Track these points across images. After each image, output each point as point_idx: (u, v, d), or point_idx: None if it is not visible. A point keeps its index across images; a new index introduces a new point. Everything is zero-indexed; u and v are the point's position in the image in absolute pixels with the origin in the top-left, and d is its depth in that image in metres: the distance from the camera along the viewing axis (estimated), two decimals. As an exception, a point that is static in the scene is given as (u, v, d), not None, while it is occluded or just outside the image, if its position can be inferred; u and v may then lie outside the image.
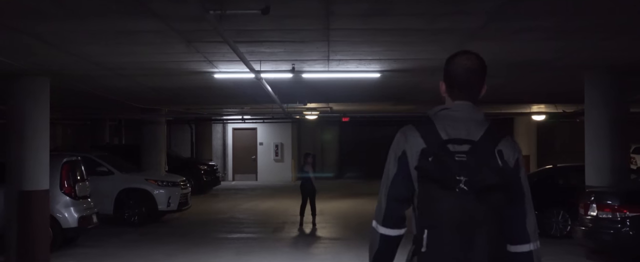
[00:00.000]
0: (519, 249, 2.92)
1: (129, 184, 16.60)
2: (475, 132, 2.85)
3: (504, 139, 2.89)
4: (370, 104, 18.12)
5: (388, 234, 2.95)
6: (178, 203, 16.90)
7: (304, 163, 16.39)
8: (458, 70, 2.95)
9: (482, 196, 2.71)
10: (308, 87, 13.12)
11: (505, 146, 2.86)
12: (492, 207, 2.74)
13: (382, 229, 2.95)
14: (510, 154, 2.87)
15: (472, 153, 2.77)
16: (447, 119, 2.89)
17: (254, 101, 16.05)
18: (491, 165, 2.76)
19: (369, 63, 10.23)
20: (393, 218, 2.94)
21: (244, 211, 19.84)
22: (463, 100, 2.94)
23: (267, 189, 26.95)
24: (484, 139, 2.83)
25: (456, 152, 2.77)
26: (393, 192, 2.94)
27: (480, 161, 2.75)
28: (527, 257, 2.91)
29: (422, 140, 2.85)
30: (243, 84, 12.32)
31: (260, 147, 30.77)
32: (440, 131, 2.85)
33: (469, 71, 2.94)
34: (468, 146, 2.79)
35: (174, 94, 14.68)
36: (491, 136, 2.86)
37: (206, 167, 24.83)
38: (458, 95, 2.96)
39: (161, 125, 19.75)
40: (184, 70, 10.73)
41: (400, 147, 2.93)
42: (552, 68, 10.61)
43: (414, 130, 2.91)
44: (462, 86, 2.94)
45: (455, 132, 2.85)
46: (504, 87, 13.28)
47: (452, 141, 2.82)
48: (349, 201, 22.14)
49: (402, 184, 2.91)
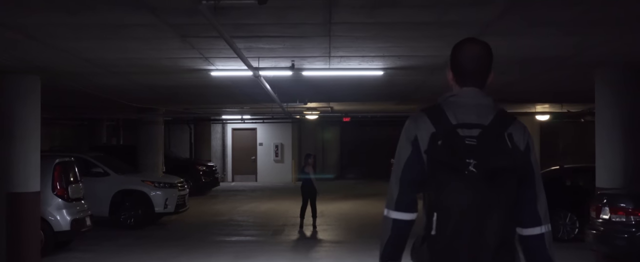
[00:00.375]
0: (531, 231, 2.89)
1: (124, 185, 16.17)
2: (485, 116, 2.85)
3: (514, 122, 2.88)
4: (372, 103, 17.67)
5: (400, 219, 2.93)
6: (175, 205, 16.47)
7: (305, 164, 15.99)
8: (465, 57, 2.95)
9: (491, 179, 2.71)
10: (308, 86, 12.68)
11: (515, 130, 2.85)
12: (502, 190, 2.73)
13: (395, 213, 2.93)
14: (520, 137, 2.86)
15: (482, 137, 2.77)
16: (456, 105, 2.89)
17: (253, 100, 15.58)
18: (501, 148, 2.76)
19: (372, 60, 9.80)
20: (405, 202, 2.92)
21: (243, 213, 19.41)
22: (471, 87, 2.94)
23: (266, 190, 26.53)
24: (494, 123, 2.83)
25: (466, 137, 2.77)
26: (406, 175, 2.91)
27: (490, 144, 2.75)
28: (538, 239, 2.89)
29: (432, 125, 2.85)
30: (241, 83, 11.90)
31: (260, 147, 30.34)
32: (449, 116, 2.85)
33: (477, 58, 2.95)
34: (478, 130, 2.79)
35: (171, 93, 14.25)
36: (501, 120, 2.85)
37: (205, 168, 24.41)
38: (466, 82, 2.95)
39: (158, 126, 19.32)
40: (180, 67, 10.30)
41: (411, 131, 2.92)
42: (566, 65, 10.18)
43: (423, 115, 2.90)
44: (470, 73, 2.94)
45: (465, 117, 2.84)
46: (511, 85, 12.84)
47: (461, 126, 2.82)
48: (351, 203, 21.71)
49: (414, 166, 2.88)
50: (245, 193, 25.38)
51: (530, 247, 2.91)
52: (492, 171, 2.70)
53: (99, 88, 13.01)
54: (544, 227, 2.91)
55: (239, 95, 14.47)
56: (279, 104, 13.01)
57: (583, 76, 11.30)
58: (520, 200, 2.84)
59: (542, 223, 2.90)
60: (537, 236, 2.89)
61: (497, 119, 2.85)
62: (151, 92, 14.03)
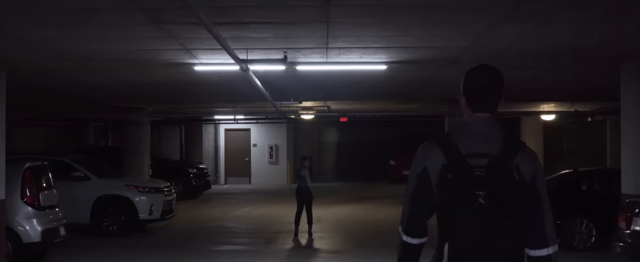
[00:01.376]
0: (538, 253, 2.98)
1: (107, 190, 15.10)
2: (494, 145, 2.92)
3: (522, 151, 2.95)
4: (371, 102, 16.56)
5: (410, 243, 3.08)
6: (161, 211, 15.41)
7: (300, 167, 14.97)
8: (478, 84, 3.02)
9: (501, 210, 2.82)
10: (303, 82, 11.59)
11: (522, 159, 2.93)
12: (510, 220, 2.84)
13: (405, 237, 3.09)
14: (528, 167, 2.93)
15: (491, 167, 2.87)
16: (467, 133, 2.97)
17: (244, 99, 14.44)
18: (509, 180, 2.86)
19: (375, 52, 8.73)
20: (414, 229, 3.06)
21: (234, 219, 18.34)
22: (483, 113, 3.01)
23: (260, 193, 25.44)
24: (502, 153, 2.91)
25: (476, 167, 2.87)
26: (414, 206, 3.05)
27: (498, 176, 2.85)
28: (546, 260, 2.98)
29: (443, 155, 2.93)
30: (230, 79, 10.82)
31: (253, 149, 29.22)
32: (459, 145, 2.93)
33: (490, 85, 3.02)
34: (487, 160, 2.88)
35: (155, 91, 13.14)
36: (509, 150, 2.93)
37: (196, 170, 23.33)
38: (478, 108, 3.01)
39: (145, 126, 18.18)
40: (159, 61, 9.22)
41: (421, 164, 3.02)
42: (591, 57, 9.11)
43: (434, 145, 2.99)
44: (482, 100, 3.01)
45: (475, 146, 2.92)
46: (525, 83, 11.79)
47: (471, 155, 2.89)
48: (349, 207, 20.64)
49: (422, 199, 3.01)
50: (238, 196, 24.30)
51: None
52: (501, 203, 2.82)
53: (75, 85, 11.91)
54: (551, 248, 3.00)
55: (228, 94, 13.37)
56: (272, 102, 11.85)
57: (607, 71, 10.23)
58: (528, 225, 2.93)
59: (549, 245, 2.99)
60: (545, 257, 2.98)
61: (505, 149, 2.91)
62: (134, 90, 12.93)
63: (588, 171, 14.18)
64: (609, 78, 10.17)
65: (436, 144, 2.98)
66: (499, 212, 2.83)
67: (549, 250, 2.98)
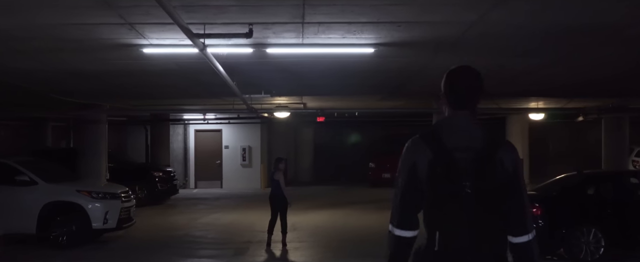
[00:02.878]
0: (519, 239, 3.19)
1: (55, 196, 13.43)
2: (477, 139, 3.14)
3: (503, 145, 3.19)
4: (352, 98, 14.95)
5: (403, 236, 3.22)
6: (117, 219, 13.75)
7: (275, 170, 13.42)
8: (459, 83, 3.19)
9: (485, 199, 3.08)
10: (276, 72, 10.03)
11: (504, 152, 3.16)
12: (495, 209, 3.12)
13: (398, 231, 3.22)
14: (509, 159, 3.17)
15: (474, 160, 3.09)
16: (451, 129, 3.17)
17: (210, 94, 12.77)
18: (492, 171, 3.10)
19: (362, 30, 7.21)
20: (406, 221, 3.21)
21: (202, 227, 16.71)
22: (464, 111, 3.19)
23: (232, 198, 23.79)
24: (485, 147, 3.13)
25: (461, 159, 3.08)
26: (406, 199, 3.20)
27: (482, 167, 3.09)
28: (527, 246, 3.20)
29: (430, 150, 3.13)
30: (189, 66, 9.23)
31: (225, 151, 27.54)
32: (445, 140, 3.13)
33: (470, 84, 3.19)
34: (471, 154, 3.09)
35: (104, 83, 11.42)
36: (491, 143, 3.16)
37: (162, 174, 21.63)
38: (459, 107, 3.19)
39: (101, 125, 16.41)
40: (99, 41, 7.61)
41: (410, 158, 3.18)
42: (617, 39, 7.64)
43: (421, 142, 3.17)
44: (463, 98, 3.18)
45: (459, 140, 3.12)
46: (528, 74, 10.33)
47: (456, 149, 3.10)
48: (327, 213, 19.08)
49: (413, 192, 3.18)
50: (208, 201, 22.63)
51: (519, 253, 3.22)
52: (485, 191, 3.08)
53: (8, 73, 10.21)
54: (530, 234, 3.22)
55: (192, 87, 11.73)
56: (240, 96, 10.18)
57: (633, 56, 8.77)
58: (509, 213, 3.18)
59: (528, 231, 3.22)
60: (526, 243, 3.20)
61: (487, 143, 3.15)
62: (80, 82, 11.24)
63: (594, 174, 12.81)
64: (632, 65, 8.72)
65: (423, 140, 3.16)
66: (484, 201, 3.06)
67: (529, 236, 3.21)
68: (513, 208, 3.16)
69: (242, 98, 10.55)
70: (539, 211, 11.49)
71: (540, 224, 11.43)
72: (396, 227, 3.21)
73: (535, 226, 3.30)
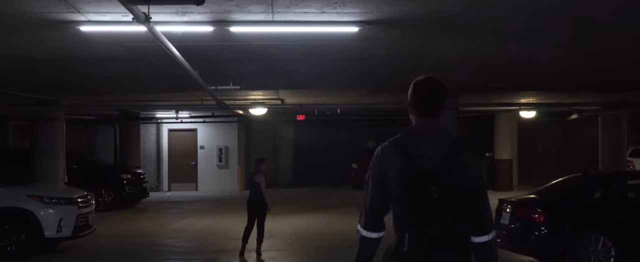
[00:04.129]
0: (481, 239, 3.38)
1: (2, 202, 12.04)
2: (442, 146, 3.32)
3: (467, 150, 3.35)
4: (336, 93, 13.65)
5: (370, 237, 3.42)
6: (73, 227, 12.39)
7: (256, 171, 12.12)
8: (424, 92, 3.40)
9: (452, 202, 3.28)
10: (244, 58, 8.72)
11: (467, 156, 3.33)
12: (460, 211, 3.30)
13: (365, 232, 3.43)
14: (473, 163, 3.34)
15: (440, 166, 3.27)
16: (417, 136, 3.37)
17: (174, 86, 11.35)
18: (457, 175, 3.27)
19: (344, 2, 5.93)
20: (373, 224, 3.42)
21: (171, 233, 15.39)
22: (429, 118, 3.39)
23: (207, 201, 22.43)
24: (449, 152, 3.30)
25: (427, 166, 3.27)
26: (373, 204, 3.40)
27: (447, 172, 3.26)
28: (487, 245, 3.39)
29: (398, 158, 3.32)
30: (142, 52, 7.91)
31: (201, 151, 26.11)
32: (412, 147, 3.32)
33: (434, 93, 3.40)
34: (436, 160, 3.28)
35: (50, 72, 10.00)
36: (455, 149, 3.33)
37: (131, 176, 20.24)
38: (424, 114, 3.40)
39: (58, 123, 14.93)
40: (28, 15, 6.27)
41: (379, 165, 3.39)
42: (625, 17, 6.42)
43: (390, 148, 3.37)
44: (428, 106, 3.39)
45: (425, 147, 3.31)
46: (527, 61, 9.10)
47: (423, 156, 3.28)
48: (307, 217, 17.81)
49: (380, 197, 3.39)
50: (181, 205, 21.26)
51: (481, 251, 3.39)
52: (451, 195, 3.26)
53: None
54: (491, 235, 3.40)
55: (152, 79, 10.37)
56: (204, 87, 8.79)
57: None
58: (472, 215, 3.35)
59: (489, 231, 3.39)
60: (486, 243, 3.38)
61: (451, 148, 3.32)
62: (25, 71, 9.84)
63: (601, 175, 11.64)
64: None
65: (392, 148, 3.38)
66: (450, 204, 3.27)
67: (489, 236, 3.40)
68: (476, 209, 3.34)
69: (209, 90, 9.20)
70: (542, 216, 10.30)
71: (543, 232, 10.24)
72: (363, 229, 3.42)
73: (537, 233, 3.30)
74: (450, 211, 3.27)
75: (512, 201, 11.01)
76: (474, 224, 3.35)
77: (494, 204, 17.63)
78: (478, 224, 3.36)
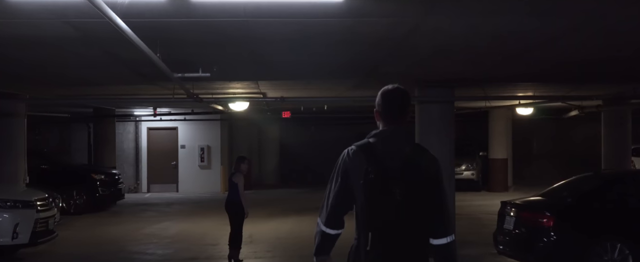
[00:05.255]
0: (440, 241, 3.57)
1: (-50, 205, 10.86)
2: (404, 150, 3.56)
3: (426, 155, 3.62)
4: (320, 84, 12.50)
5: (330, 233, 3.65)
6: (31, 233, 11.21)
7: (235, 170, 11.04)
8: (390, 101, 3.64)
9: (413, 203, 3.44)
10: (215, 41, 7.53)
11: (427, 161, 3.59)
12: (420, 212, 3.47)
13: (325, 228, 3.65)
14: (431, 167, 3.59)
15: (402, 169, 3.47)
16: (384, 141, 3.58)
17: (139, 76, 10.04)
18: (418, 178, 3.48)
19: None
20: (334, 221, 3.63)
21: (143, 239, 14.20)
22: (394, 125, 3.64)
23: (187, 203, 21.21)
24: (411, 157, 3.54)
25: (391, 169, 3.46)
26: (336, 203, 3.60)
27: (409, 175, 3.46)
28: (447, 247, 3.57)
29: (365, 160, 3.50)
30: (90, 30, 6.70)
31: (182, 151, 24.86)
32: (377, 151, 3.53)
33: (399, 102, 3.66)
34: (399, 163, 3.49)
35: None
36: (416, 154, 3.58)
37: (103, 176, 19.00)
38: (390, 121, 3.64)
39: (18, 119, 13.65)
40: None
41: (345, 166, 3.58)
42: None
43: (357, 151, 3.57)
44: (393, 113, 3.65)
45: (388, 151, 3.53)
46: (539, 46, 7.94)
47: (387, 159, 3.49)
48: (292, 221, 16.66)
49: (344, 197, 3.57)
50: (159, 208, 20.04)
51: (440, 253, 3.59)
52: (412, 197, 3.43)
53: None
54: (450, 237, 3.58)
55: (110, 66, 9.11)
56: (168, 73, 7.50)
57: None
58: (432, 217, 3.53)
59: (448, 234, 3.58)
60: (446, 245, 3.57)
61: (413, 153, 3.57)
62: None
63: (615, 174, 10.54)
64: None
65: (358, 150, 3.56)
66: (411, 205, 3.43)
67: (449, 239, 3.58)
68: (436, 212, 3.54)
69: (175, 79, 7.97)
70: (551, 221, 9.18)
71: (552, 238, 9.12)
72: (324, 225, 3.65)
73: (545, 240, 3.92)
74: (412, 212, 3.43)
75: (516, 204, 9.90)
76: (434, 226, 3.53)
77: (491, 206, 16.50)
78: (438, 227, 3.54)
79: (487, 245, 12.46)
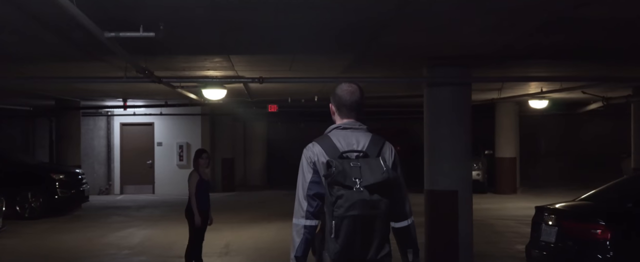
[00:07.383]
0: (401, 224, 3.85)
1: None
2: (363, 142, 3.77)
3: (384, 145, 3.82)
4: (307, 63, 10.24)
5: (310, 225, 3.73)
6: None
7: (195, 165, 9.44)
8: (345, 96, 3.85)
9: (373, 192, 3.55)
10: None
11: (385, 151, 3.81)
12: (381, 200, 3.58)
13: (305, 221, 3.72)
14: (390, 157, 3.81)
15: (363, 160, 3.64)
16: (341, 135, 3.78)
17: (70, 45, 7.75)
18: (377, 168, 3.60)
19: None
20: (312, 212, 3.72)
21: (98, 249, 12.02)
22: (350, 119, 3.86)
23: (160, 206, 18.96)
24: (369, 148, 3.75)
25: (351, 160, 3.64)
26: (310, 193, 3.72)
27: (369, 166, 3.60)
28: (407, 229, 3.86)
29: (325, 153, 3.70)
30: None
31: (158, 148, 22.56)
32: (337, 144, 3.73)
33: (354, 96, 3.84)
34: (358, 154, 3.70)
35: None
36: (374, 145, 3.78)
37: (63, 176, 16.76)
38: (346, 115, 3.86)
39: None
40: None
41: (311, 158, 3.75)
42: None
43: (317, 146, 3.76)
44: (349, 108, 3.85)
45: (348, 144, 3.75)
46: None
47: (347, 152, 3.71)
48: (276, 226, 14.51)
49: (316, 185, 3.71)
50: (128, 211, 17.77)
51: (402, 235, 3.87)
52: (373, 186, 3.54)
53: None
54: (410, 220, 3.87)
55: (23, 30, 6.86)
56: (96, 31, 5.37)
57: None
58: (393, 203, 3.68)
59: (408, 217, 3.86)
60: (406, 227, 3.86)
61: (371, 144, 3.77)
62: None
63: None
64: None
65: (319, 145, 3.75)
66: (373, 193, 3.53)
67: (408, 221, 3.86)
68: (396, 198, 3.71)
69: (105, 39, 5.72)
70: (608, 232, 6.99)
71: (609, 255, 6.95)
72: (304, 219, 3.71)
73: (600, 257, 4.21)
74: (373, 200, 3.54)
75: (557, 210, 7.71)
76: (395, 211, 3.75)
77: (501, 210, 14.29)
78: (398, 211, 3.78)
79: (509, 259, 10.36)
